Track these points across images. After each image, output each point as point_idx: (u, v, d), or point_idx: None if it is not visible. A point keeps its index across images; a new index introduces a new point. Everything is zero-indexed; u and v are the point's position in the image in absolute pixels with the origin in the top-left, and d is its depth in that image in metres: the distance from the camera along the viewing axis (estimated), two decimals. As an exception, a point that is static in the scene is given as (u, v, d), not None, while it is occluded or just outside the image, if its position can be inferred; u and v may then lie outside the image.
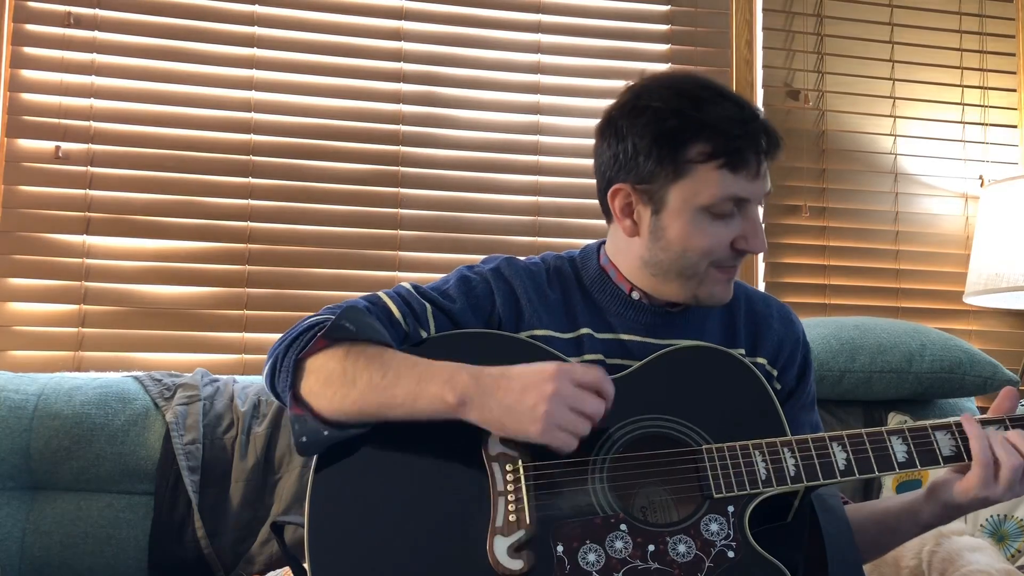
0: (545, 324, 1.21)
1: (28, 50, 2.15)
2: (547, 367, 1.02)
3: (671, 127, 1.11)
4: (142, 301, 2.16)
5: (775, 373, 1.26)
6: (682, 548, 1.01)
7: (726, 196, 1.11)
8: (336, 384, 1.05)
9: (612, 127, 1.18)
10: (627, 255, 1.22)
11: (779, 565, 1.00)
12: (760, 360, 1.25)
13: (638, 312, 1.23)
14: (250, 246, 2.22)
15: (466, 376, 1.03)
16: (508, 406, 1.00)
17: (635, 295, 1.22)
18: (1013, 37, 2.72)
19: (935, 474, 1.10)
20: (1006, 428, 1.08)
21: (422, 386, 1.03)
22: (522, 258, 1.29)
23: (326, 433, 1.06)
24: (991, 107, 2.68)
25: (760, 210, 1.19)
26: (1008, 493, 1.04)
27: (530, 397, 1.00)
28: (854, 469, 1.05)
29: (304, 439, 1.06)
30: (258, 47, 2.27)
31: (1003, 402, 1.12)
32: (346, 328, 1.06)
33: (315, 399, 1.06)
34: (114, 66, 2.20)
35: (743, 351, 1.24)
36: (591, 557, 1.00)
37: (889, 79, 2.62)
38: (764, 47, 2.56)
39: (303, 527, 1.03)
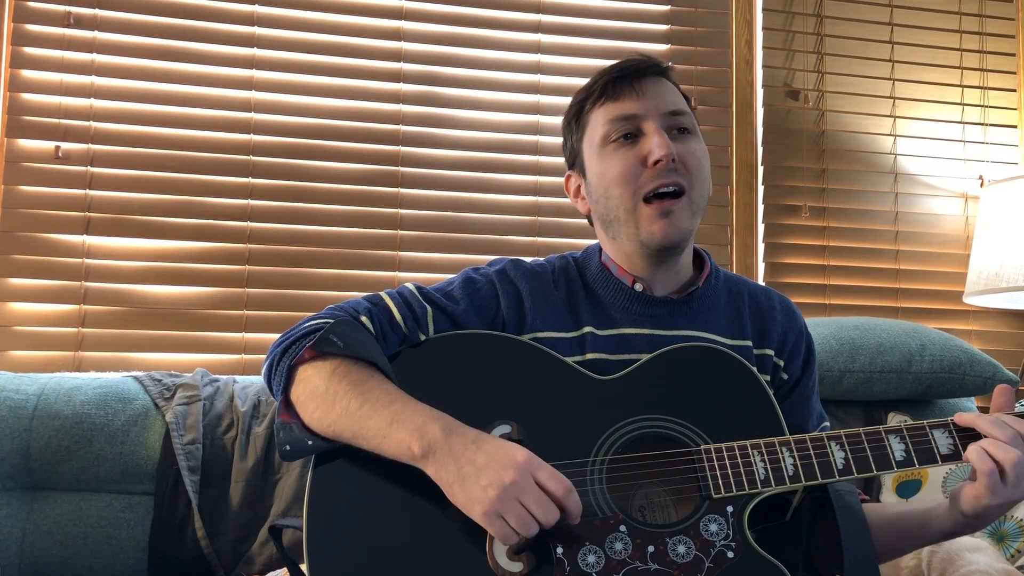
0: (549, 326, 1.21)
1: (28, 50, 2.15)
2: (518, 454, 0.98)
3: (575, 102, 1.30)
4: (142, 301, 2.16)
5: (782, 364, 1.28)
6: (681, 549, 1.01)
7: (612, 119, 1.22)
8: (318, 401, 1.06)
9: None
10: (600, 237, 1.30)
11: (778, 565, 1.00)
12: (768, 351, 1.26)
13: (644, 304, 1.24)
14: (250, 246, 2.22)
15: (438, 429, 1.01)
16: (463, 476, 0.98)
17: (638, 287, 1.24)
18: (1013, 37, 2.72)
19: (957, 486, 1.07)
20: None
21: (392, 428, 1.02)
22: (528, 259, 1.30)
23: (310, 443, 1.07)
24: (991, 107, 2.68)
25: (697, 143, 1.25)
26: (1019, 489, 1.01)
27: (485, 477, 0.96)
28: (852, 468, 1.05)
29: (288, 447, 1.08)
30: (258, 47, 2.27)
31: (999, 399, 1.11)
32: (333, 343, 1.08)
33: (301, 408, 1.08)
34: (114, 66, 2.20)
35: (750, 342, 1.25)
36: (591, 559, 1.00)
37: (889, 79, 2.62)
38: (764, 47, 2.56)
39: (301, 530, 1.04)
